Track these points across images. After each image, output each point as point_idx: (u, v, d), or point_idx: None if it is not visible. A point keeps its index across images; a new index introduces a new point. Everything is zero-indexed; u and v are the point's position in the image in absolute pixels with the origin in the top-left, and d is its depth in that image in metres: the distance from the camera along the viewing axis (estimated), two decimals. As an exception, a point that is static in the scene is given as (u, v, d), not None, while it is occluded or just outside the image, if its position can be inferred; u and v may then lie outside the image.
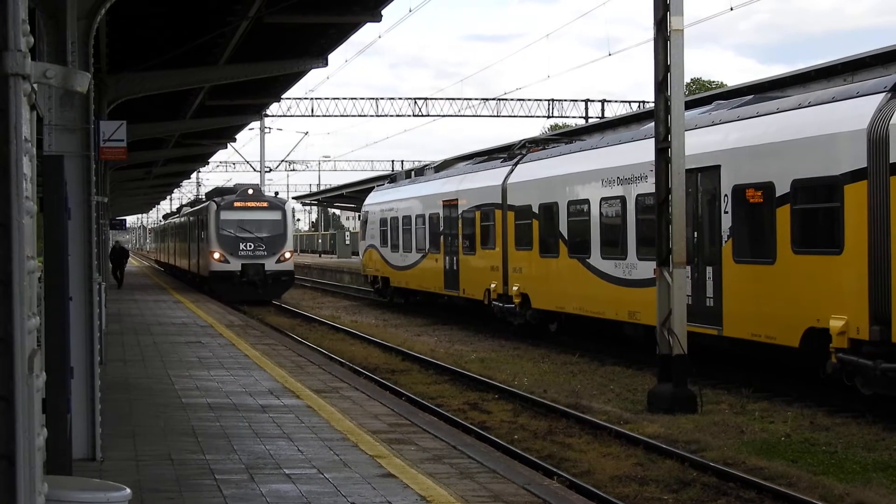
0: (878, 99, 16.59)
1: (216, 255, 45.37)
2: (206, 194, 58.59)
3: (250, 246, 45.24)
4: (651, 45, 18.25)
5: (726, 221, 19.76)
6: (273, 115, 65.34)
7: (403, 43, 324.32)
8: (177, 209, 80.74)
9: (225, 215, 45.93)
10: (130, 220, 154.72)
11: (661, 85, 18.12)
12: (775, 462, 13.92)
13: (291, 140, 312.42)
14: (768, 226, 18.65)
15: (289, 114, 64.99)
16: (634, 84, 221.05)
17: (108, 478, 9.71)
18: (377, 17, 22.07)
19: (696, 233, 20.51)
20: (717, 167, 20.07)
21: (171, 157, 48.48)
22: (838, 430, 16.02)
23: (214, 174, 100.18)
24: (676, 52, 17.89)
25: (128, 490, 5.81)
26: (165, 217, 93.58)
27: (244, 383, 18.01)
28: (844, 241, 16.75)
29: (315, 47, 25.46)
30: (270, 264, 45.20)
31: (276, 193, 51.34)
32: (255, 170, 70.42)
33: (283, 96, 40.12)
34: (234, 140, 48.70)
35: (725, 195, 19.80)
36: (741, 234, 19.52)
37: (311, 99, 65.26)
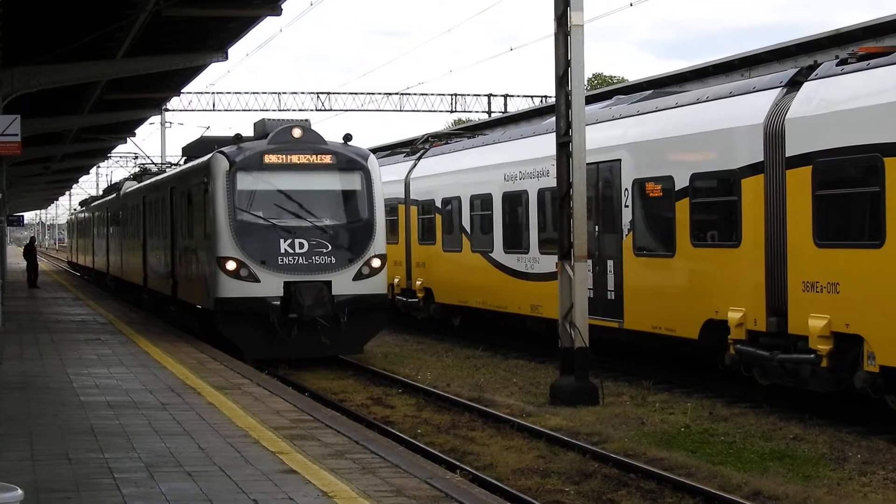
0: (775, 94, 16.84)
1: (230, 266, 22.97)
2: (185, 148, 32.58)
3: (301, 245, 23.12)
4: (552, 40, 18.37)
5: (627, 215, 19.94)
6: (174, 110, 64.77)
7: (306, 38, 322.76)
8: (112, 185, 57.98)
9: (246, 181, 23.55)
10: (29, 216, 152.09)
11: (562, 80, 18.22)
12: (675, 453, 14.09)
13: (193, 134, 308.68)
14: (668, 219, 18.85)
15: (189, 108, 64.39)
16: (537, 79, 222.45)
17: (2, 479, 9.53)
18: (277, 11, 21.99)
19: (597, 226, 20.68)
20: (618, 161, 20.24)
21: (69, 153, 47.72)
22: (737, 421, 16.25)
23: (117, 170, 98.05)
24: (577, 48, 18.00)
25: (19, 490, 5.70)
26: (83, 204, 70.05)
27: (144, 381, 17.77)
28: (742, 234, 16.99)
29: (215, 41, 25.29)
30: (343, 283, 23.15)
31: (348, 138, 24.66)
32: (154, 164, 69.37)
33: (183, 90, 39.75)
34: (134, 135, 48.24)
35: (626, 189, 19.98)
36: (641, 227, 19.71)
37: (213, 93, 64.73)
